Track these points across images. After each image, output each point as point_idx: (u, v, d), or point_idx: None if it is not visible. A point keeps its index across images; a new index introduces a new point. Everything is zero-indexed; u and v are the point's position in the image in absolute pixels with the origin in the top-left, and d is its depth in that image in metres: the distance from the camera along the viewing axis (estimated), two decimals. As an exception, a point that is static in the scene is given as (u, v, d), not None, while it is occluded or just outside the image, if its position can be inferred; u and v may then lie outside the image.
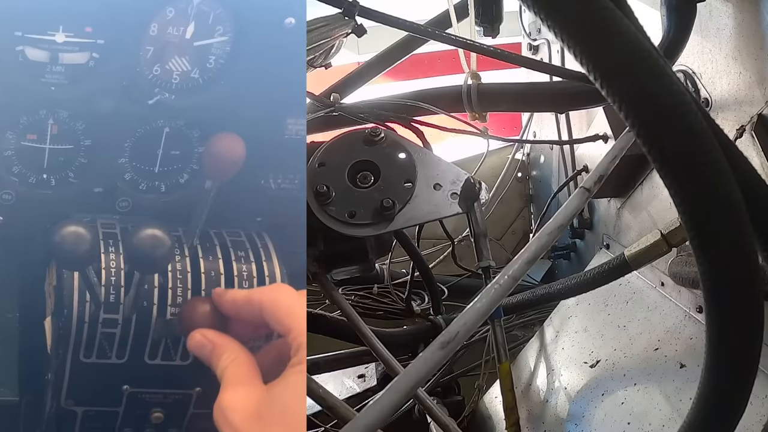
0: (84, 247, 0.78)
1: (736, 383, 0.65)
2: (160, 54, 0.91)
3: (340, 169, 0.99)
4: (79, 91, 0.90)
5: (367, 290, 1.95)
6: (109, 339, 0.87)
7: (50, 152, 0.93)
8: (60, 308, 0.87)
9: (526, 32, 2.19)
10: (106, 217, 0.95)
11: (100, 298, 0.86)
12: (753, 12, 1.05)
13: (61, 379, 0.88)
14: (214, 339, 0.79)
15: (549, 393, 1.37)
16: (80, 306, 0.86)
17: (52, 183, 0.96)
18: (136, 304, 0.87)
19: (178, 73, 0.93)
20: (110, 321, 0.86)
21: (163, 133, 0.96)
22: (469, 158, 2.24)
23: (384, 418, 0.54)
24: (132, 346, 0.88)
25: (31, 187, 0.95)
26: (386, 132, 1.04)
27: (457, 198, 1.02)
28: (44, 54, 0.87)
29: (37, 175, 0.95)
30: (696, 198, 0.59)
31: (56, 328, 0.89)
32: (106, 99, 0.92)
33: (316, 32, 1.09)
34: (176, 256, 0.90)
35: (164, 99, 0.93)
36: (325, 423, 1.43)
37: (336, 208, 0.96)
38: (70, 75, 0.89)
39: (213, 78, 0.94)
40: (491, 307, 0.62)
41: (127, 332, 0.87)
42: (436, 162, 1.03)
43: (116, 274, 0.87)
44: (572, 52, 0.59)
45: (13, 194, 0.94)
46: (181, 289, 0.90)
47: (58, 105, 0.91)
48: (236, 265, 0.94)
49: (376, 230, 0.95)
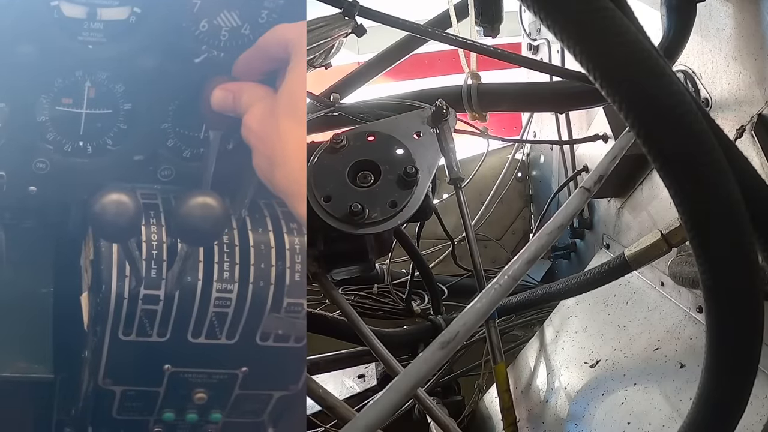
0: (125, 217, 0.73)
1: (736, 383, 0.65)
2: (208, 7, 0.83)
3: (340, 174, 0.99)
4: (119, 50, 0.83)
5: (367, 290, 1.95)
6: (150, 316, 0.82)
7: (87, 117, 0.86)
8: (97, 283, 0.83)
9: (526, 32, 2.20)
10: (146, 187, 0.89)
11: (141, 273, 0.81)
12: (753, 12, 1.05)
13: (99, 357, 0.84)
14: (233, 87, 0.80)
15: (549, 393, 1.37)
16: (119, 281, 0.81)
17: (89, 151, 0.88)
18: (180, 279, 0.82)
19: (228, 29, 0.85)
20: (152, 297, 0.82)
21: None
22: (469, 158, 2.25)
23: (384, 418, 0.54)
24: (174, 324, 0.83)
25: (67, 155, 0.88)
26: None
27: (429, 121, 1.04)
28: (81, 10, 0.80)
29: (73, 143, 0.87)
30: (696, 198, 0.59)
31: (93, 305, 0.85)
32: (149, 58, 0.84)
33: (316, 32, 1.09)
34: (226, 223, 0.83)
35: (212, 57, 0.85)
36: (325, 423, 1.43)
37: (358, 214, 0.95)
38: (109, 32, 0.82)
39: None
40: (491, 307, 0.62)
41: (170, 309, 0.82)
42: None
43: (158, 248, 0.83)
44: (572, 52, 0.59)
45: (48, 163, 0.87)
46: (229, 264, 0.85)
47: (96, 66, 0.83)
48: (288, 237, 0.88)
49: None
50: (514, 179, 2.46)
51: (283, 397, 0.94)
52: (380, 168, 0.98)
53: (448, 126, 1.07)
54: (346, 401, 1.12)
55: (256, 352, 0.80)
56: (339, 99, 1.24)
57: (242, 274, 0.85)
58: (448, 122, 1.06)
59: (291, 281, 0.87)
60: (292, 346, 0.89)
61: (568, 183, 1.88)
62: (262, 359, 0.86)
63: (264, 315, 0.87)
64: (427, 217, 1.03)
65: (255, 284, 0.86)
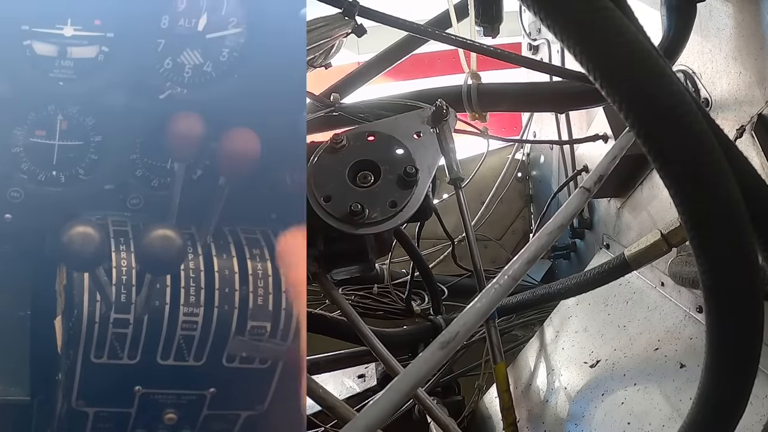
0: (92, 248, 0.77)
1: (736, 383, 0.65)
2: (172, 47, 0.88)
3: (340, 174, 0.99)
4: (89, 86, 0.88)
5: (367, 290, 1.95)
6: (121, 339, 0.86)
7: (59, 148, 0.91)
8: (70, 308, 0.86)
9: (526, 32, 2.20)
10: (117, 215, 0.93)
11: (110, 298, 0.85)
12: (753, 12, 1.05)
13: (72, 379, 0.87)
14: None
15: (549, 393, 1.37)
16: (90, 306, 0.85)
17: (62, 180, 0.93)
18: (148, 303, 0.85)
19: (191, 67, 0.90)
20: (121, 321, 0.85)
21: None
22: (469, 158, 2.25)
23: (384, 418, 0.54)
24: (144, 347, 0.87)
25: (40, 184, 0.93)
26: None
27: (429, 121, 1.04)
28: (52, 48, 0.85)
29: (47, 172, 0.92)
30: (696, 198, 0.59)
31: (66, 328, 0.88)
32: (117, 94, 0.89)
33: (316, 32, 1.09)
34: (189, 255, 0.89)
35: (176, 93, 0.91)
36: (325, 423, 1.43)
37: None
38: (78, 69, 0.87)
39: (226, 71, 0.91)
40: (491, 307, 0.62)
41: (139, 332, 0.86)
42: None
43: (127, 273, 0.86)
44: (572, 52, 0.59)
45: (22, 192, 0.92)
46: (195, 288, 0.88)
47: (67, 100, 0.89)
48: (251, 263, 0.92)
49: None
50: (514, 179, 2.47)
51: (250, 417, 0.97)
52: (380, 168, 0.98)
53: (448, 126, 1.07)
54: (346, 401, 1.12)
55: (222, 373, 0.84)
56: (339, 99, 1.24)
57: (207, 299, 0.89)
58: (448, 122, 1.06)
59: (254, 305, 0.91)
60: (257, 367, 0.93)
61: (568, 183, 1.88)
62: (229, 380, 0.90)
63: (229, 338, 0.90)
64: (427, 217, 1.03)
65: (220, 308, 0.90)
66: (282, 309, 0.92)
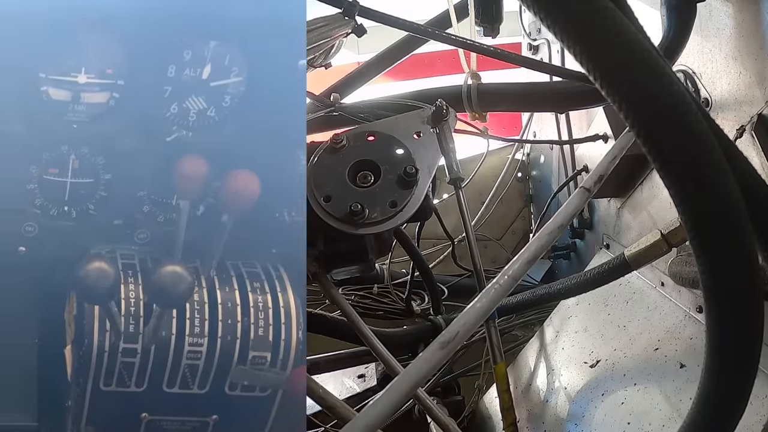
0: (106, 282, 0.82)
1: (736, 383, 0.65)
2: (178, 94, 0.95)
3: (340, 174, 0.99)
4: (100, 129, 0.95)
5: (367, 290, 1.95)
6: (129, 368, 0.90)
7: (71, 186, 0.97)
8: (80, 337, 0.90)
9: (526, 32, 2.20)
10: (125, 249, 0.99)
11: (120, 328, 0.89)
12: (753, 12, 1.05)
13: (81, 406, 0.91)
14: None
15: (549, 393, 1.37)
16: (100, 336, 0.89)
17: (73, 215, 0.99)
18: (156, 334, 0.90)
19: (195, 112, 0.97)
20: (130, 350, 0.90)
21: None
22: (469, 158, 2.25)
23: (384, 418, 0.54)
24: (151, 375, 0.91)
25: (53, 219, 0.98)
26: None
27: (429, 121, 1.05)
28: (67, 94, 0.91)
29: (59, 208, 0.98)
30: (696, 198, 0.59)
31: (76, 357, 0.92)
32: (126, 136, 0.96)
33: (316, 32, 1.09)
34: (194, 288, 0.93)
35: (182, 136, 0.97)
36: (325, 423, 1.43)
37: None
38: (90, 113, 0.93)
39: (228, 116, 0.98)
40: (491, 307, 0.62)
41: (147, 361, 0.90)
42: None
43: (135, 305, 0.91)
44: (572, 52, 0.59)
45: (36, 226, 0.98)
46: (199, 319, 0.93)
47: (79, 141, 0.95)
48: (252, 295, 0.97)
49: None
50: (514, 179, 2.47)
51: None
52: (380, 168, 0.98)
53: (448, 126, 1.07)
54: (346, 401, 1.13)
55: (225, 400, 0.88)
56: (339, 99, 1.24)
57: (211, 329, 0.94)
58: (448, 122, 1.06)
59: (255, 336, 0.96)
60: (258, 395, 0.97)
61: (568, 183, 1.88)
62: (231, 407, 0.94)
63: (232, 367, 0.94)
64: (427, 217, 1.03)
65: (223, 338, 0.94)
66: (282, 340, 0.96)
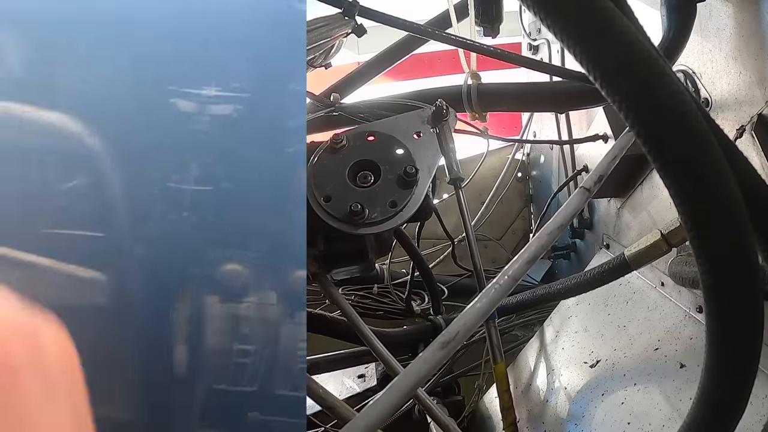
0: (239, 282, 0.89)
1: (736, 383, 0.65)
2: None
3: (340, 174, 0.99)
4: (222, 139, 0.99)
5: (367, 290, 1.95)
6: (241, 368, 0.94)
7: (192, 193, 1.00)
8: (195, 337, 0.94)
9: (526, 32, 2.20)
10: (243, 255, 1.02)
11: (236, 330, 0.93)
12: (753, 12, 1.05)
13: (190, 405, 0.95)
14: None
15: (549, 393, 1.37)
16: (215, 336, 0.93)
17: (194, 222, 1.02)
18: (269, 337, 0.93)
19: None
20: (243, 351, 0.94)
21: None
22: (469, 158, 2.25)
23: (384, 418, 0.54)
24: (263, 376, 0.95)
25: (174, 224, 1.01)
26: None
27: (429, 121, 1.06)
28: (193, 105, 0.96)
29: (179, 214, 1.01)
30: (696, 198, 0.59)
31: (189, 356, 0.95)
32: (247, 147, 1.00)
33: (316, 32, 1.09)
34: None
35: (301, 148, 1.02)
36: (325, 423, 1.43)
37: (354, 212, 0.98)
38: (215, 124, 0.97)
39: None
40: (491, 307, 0.62)
41: (259, 362, 0.94)
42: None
43: (252, 309, 0.94)
44: (572, 52, 0.59)
45: (157, 231, 1.01)
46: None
47: (202, 151, 0.99)
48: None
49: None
50: (514, 179, 2.47)
51: None
52: (380, 168, 0.98)
53: (448, 126, 1.07)
54: (346, 401, 1.12)
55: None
56: (339, 99, 1.24)
57: None
58: (448, 122, 1.07)
59: None
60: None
61: (568, 183, 1.88)
62: None
63: None
64: (427, 217, 1.03)
65: None
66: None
